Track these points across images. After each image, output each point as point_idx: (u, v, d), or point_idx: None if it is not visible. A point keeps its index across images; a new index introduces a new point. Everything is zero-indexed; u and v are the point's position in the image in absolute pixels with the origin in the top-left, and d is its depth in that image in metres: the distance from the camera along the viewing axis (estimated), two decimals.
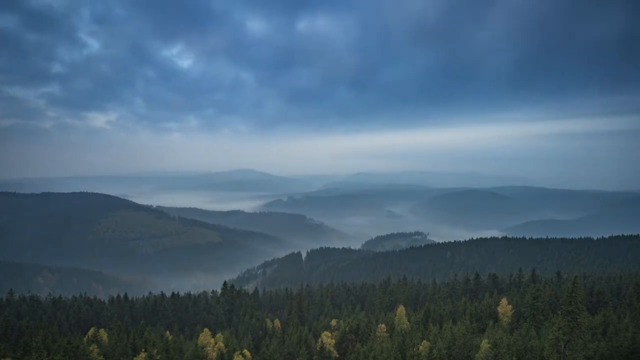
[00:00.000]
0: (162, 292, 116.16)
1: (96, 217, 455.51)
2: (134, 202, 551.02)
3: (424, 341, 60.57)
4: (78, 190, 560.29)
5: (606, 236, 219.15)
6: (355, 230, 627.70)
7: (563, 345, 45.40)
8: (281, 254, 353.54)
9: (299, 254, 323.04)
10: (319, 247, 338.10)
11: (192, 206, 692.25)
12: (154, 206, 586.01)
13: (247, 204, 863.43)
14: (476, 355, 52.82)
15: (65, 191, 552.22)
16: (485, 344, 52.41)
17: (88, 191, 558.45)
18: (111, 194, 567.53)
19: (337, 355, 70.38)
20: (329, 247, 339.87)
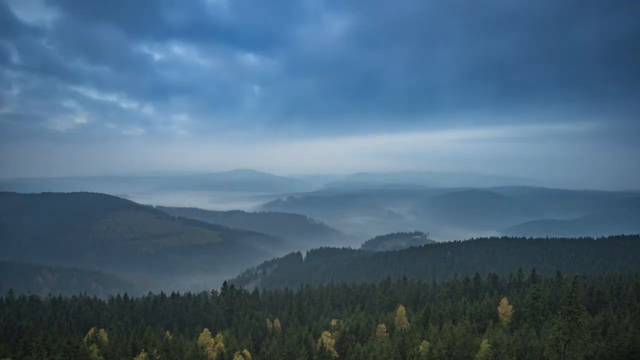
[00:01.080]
0: (162, 292, 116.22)
1: (96, 217, 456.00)
2: (134, 202, 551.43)
3: (424, 341, 60.61)
4: (78, 190, 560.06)
5: (606, 236, 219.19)
6: (355, 230, 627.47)
7: (563, 345, 45.38)
8: (281, 254, 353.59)
9: (299, 254, 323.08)
10: (319, 247, 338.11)
11: (192, 206, 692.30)
12: (154, 206, 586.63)
13: (247, 204, 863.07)
14: (476, 355, 52.79)
15: (65, 191, 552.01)
16: (485, 344, 52.38)
17: (88, 191, 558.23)
18: (111, 194, 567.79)
19: (337, 355, 70.36)
20: (329, 247, 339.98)
